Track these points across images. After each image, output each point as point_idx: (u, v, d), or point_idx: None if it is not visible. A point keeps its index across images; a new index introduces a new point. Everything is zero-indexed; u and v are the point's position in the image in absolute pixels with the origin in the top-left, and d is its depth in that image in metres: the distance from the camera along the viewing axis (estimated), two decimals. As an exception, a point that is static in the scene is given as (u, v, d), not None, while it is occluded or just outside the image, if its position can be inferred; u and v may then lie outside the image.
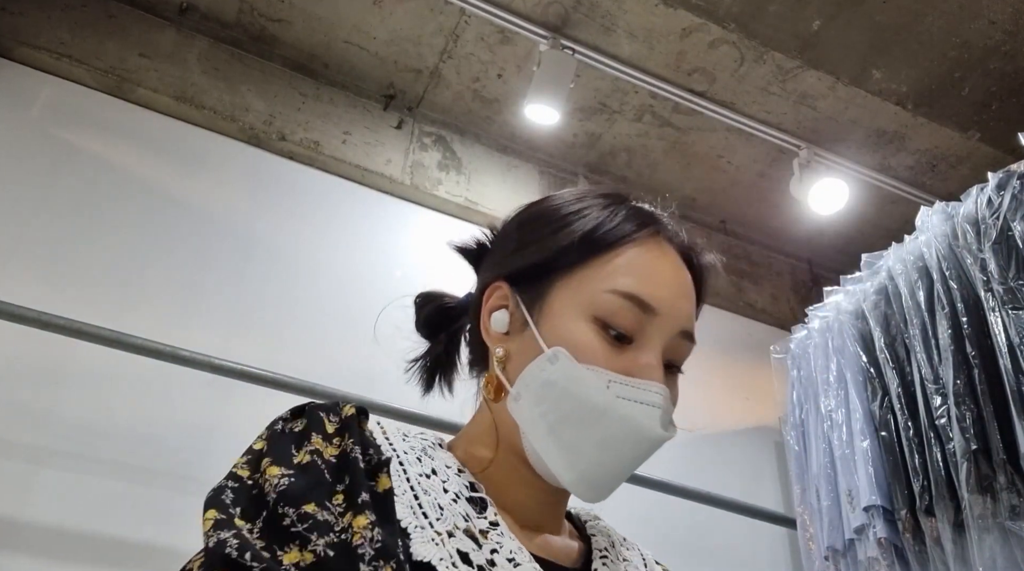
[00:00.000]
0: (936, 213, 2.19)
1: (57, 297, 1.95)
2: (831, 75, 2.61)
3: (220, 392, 1.97)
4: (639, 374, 0.66)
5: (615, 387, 0.65)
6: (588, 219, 0.71)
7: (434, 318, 0.80)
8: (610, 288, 0.67)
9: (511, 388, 0.69)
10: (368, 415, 0.67)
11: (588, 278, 0.69)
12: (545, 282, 0.70)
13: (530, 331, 0.69)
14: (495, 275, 0.75)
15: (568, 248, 0.70)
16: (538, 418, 0.66)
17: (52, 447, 1.83)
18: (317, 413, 0.64)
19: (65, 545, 1.75)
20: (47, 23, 2.35)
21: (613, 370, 0.65)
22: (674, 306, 0.69)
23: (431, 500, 0.62)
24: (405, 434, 0.70)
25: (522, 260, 0.73)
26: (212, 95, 2.50)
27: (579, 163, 3.04)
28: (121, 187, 2.24)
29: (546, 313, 0.69)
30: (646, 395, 0.65)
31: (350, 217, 2.56)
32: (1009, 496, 1.85)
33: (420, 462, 0.66)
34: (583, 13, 2.46)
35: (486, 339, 0.73)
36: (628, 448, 0.65)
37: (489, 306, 0.74)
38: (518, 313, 0.71)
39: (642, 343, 0.67)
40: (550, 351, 0.66)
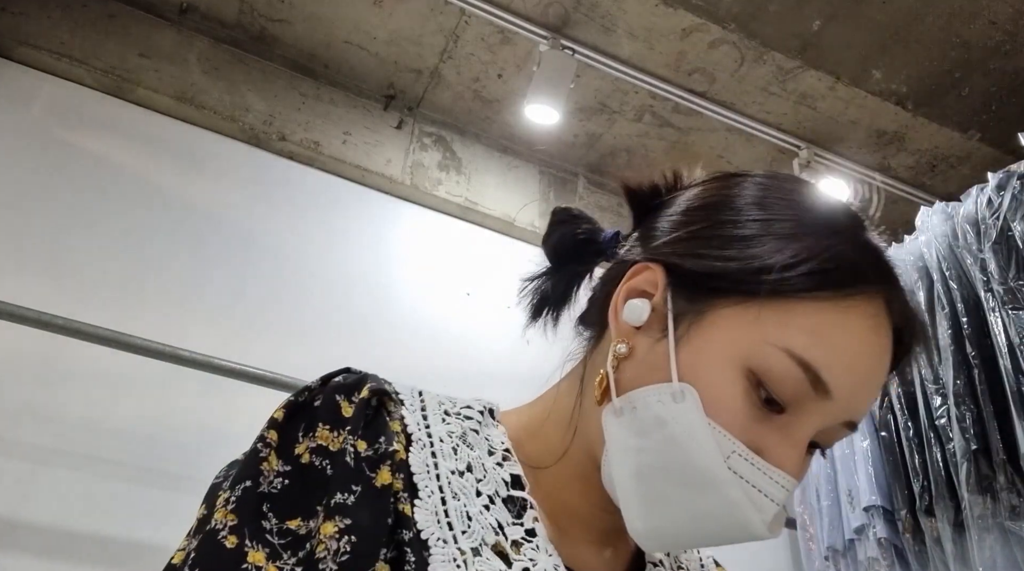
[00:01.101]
0: (936, 213, 2.19)
1: (57, 297, 1.95)
2: (831, 75, 2.61)
3: (220, 392, 1.97)
4: (772, 457, 0.53)
5: (736, 461, 0.52)
6: (803, 243, 0.55)
7: (567, 245, 0.67)
8: (785, 345, 0.52)
9: (616, 399, 0.57)
10: (390, 393, 0.59)
11: (766, 319, 0.54)
12: (711, 296, 0.56)
13: (666, 345, 0.56)
14: (652, 253, 0.60)
15: (769, 269, 0.54)
16: (631, 451, 0.55)
17: (52, 447, 1.83)
18: (334, 396, 0.56)
19: (65, 544, 1.75)
20: (47, 23, 2.35)
21: (744, 441, 0.53)
22: (855, 395, 0.54)
23: (459, 507, 0.54)
24: (448, 411, 0.61)
25: (694, 255, 0.58)
26: (212, 95, 2.50)
27: (579, 163, 3.04)
28: (121, 187, 2.24)
29: (695, 335, 0.55)
30: (769, 485, 0.53)
31: (350, 217, 2.56)
32: (1009, 496, 1.85)
33: (456, 453, 0.57)
34: (583, 13, 2.46)
35: (611, 323, 0.60)
36: (720, 532, 0.54)
37: (629, 286, 0.60)
38: (662, 313, 0.57)
39: (794, 419, 0.54)
40: (677, 385, 0.54)
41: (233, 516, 0.50)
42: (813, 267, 0.54)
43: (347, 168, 2.61)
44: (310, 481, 0.52)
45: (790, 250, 0.55)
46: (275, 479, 0.52)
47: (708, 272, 0.56)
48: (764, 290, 0.54)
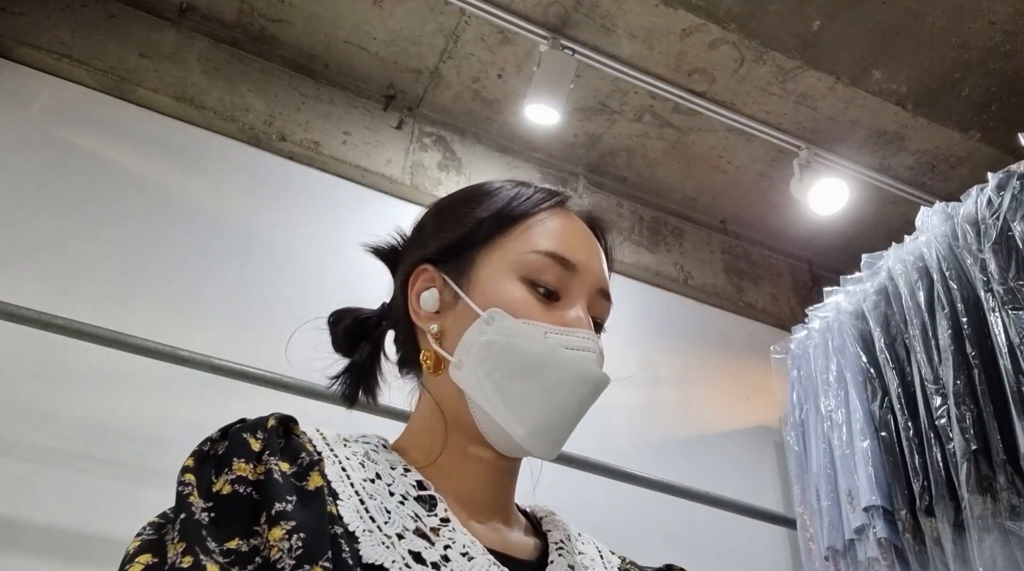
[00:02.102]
0: (936, 213, 2.19)
1: (57, 297, 1.95)
2: (831, 75, 2.61)
3: (220, 392, 1.97)
4: (571, 324, 0.70)
5: (552, 337, 0.68)
6: (501, 196, 0.77)
7: (353, 331, 0.82)
8: (532, 249, 0.72)
9: (452, 358, 0.70)
10: (297, 422, 0.68)
11: (510, 244, 0.73)
12: (468, 256, 0.74)
13: (463, 302, 0.72)
14: (417, 260, 0.78)
15: (487, 220, 0.74)
16: (483, 378, 0.68)
17: (52, 447, 1.83)
18: (240, 435, 0.62)
19: (65, 545, 1.75)
20: (47, 23, 2.35)
21: (547, 322, 0.69)
22: (591, 265, 0.74)
23: (377, 504, 0.62)
24: (346, 440, 0.70)
25: (444, 239, 0.76)
26: (212, 95, 2.50)
27: (579, 163, 3.04)
28: (121, 187, 2.24)
29: (475, 282, 0.72)
30: (581, 341, 0.69)
31: (350, 217, 2.56)
32: (1009, 496, 1.85)
33: (363, 467, 0.66)
34: (583, 13, 2.46)
35: (417, 321, 0.75)
36: (573, 392, 0.68)
37: (416, 290, 0.76)
38: (447, 289, 0.74)
39: (568, 299, 0.72)
40: (486, 313, 0.70)
41: (182, 543, 0.54)
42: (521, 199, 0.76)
43: (347, 168, 2.61)
44: (236, 507, 0.57)
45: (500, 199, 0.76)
46: (201, 513, 0.56)
47: (459, 238, 0.75)
48: (498, 227, 0.74)
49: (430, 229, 0.81)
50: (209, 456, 0.62)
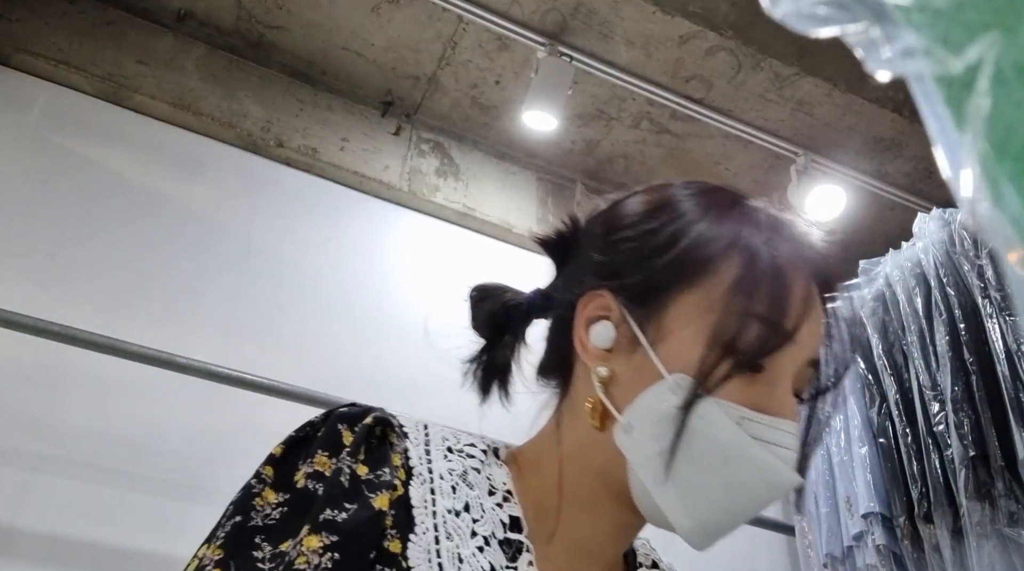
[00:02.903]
0: (933, 220, 2.19)
1: (53, 303, 1.94)
2: (828, 82, 2.62)
3: (217, 399, 1.97)
4: (772, 410, 0.57)
5: (748, 425, 0.56)
6: (714, 222, 0.62)
7: (499, 316, 0.70)
8: (744, 308, 0.57)
9: (620, 416, 0.59)
10: (395, 425, 0.61)
11: (716, 295, 0.59)
12: (662, 294, 0.60)
13: (642, 352, 0.59)
14: (594, 281, 0.64)
15: (695, 255, 0.60)
16: (655, 456, 0.57)
17: (48, 454, 1.82)
18: (336, 425, 0.58)
19: (61, 552, 1.74)
20: (45, 30, 2.35)
21: (745, 405, 0.57)
22: (811, 333, 0.60)
23: (452, 547, 0.55)
24: (451, 447, 0.62)
25: (632, 267, 0.62)
26: (210, 102, 2.50)
27: (577, 170, 3.04)
28: (118, 193, 2.24)
29: (663, 331, 0.59)
30: (782, 436, 0.57)
31: (348, 223, 2.55)
32: (1007, 503, 1.85)
33: (454, 492, 0.59)
34: (581, 20, 2.47)
35: (582, 354, 0.63)
36: (757, 495, 0.57)
37: (586, 316, 0.63)
38: (625, 328, 0.61)
39: (774, 374, 0.58)
40: (671, 378, 0.57)
41: (220, 551, 0.51)
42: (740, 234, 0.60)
43: (345, 174, 2.61)
44: (303, 505, 0.53)
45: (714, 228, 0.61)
46: (272, 511, 0.53)
47: (653, 272, 0.61)
48: (706, 267, 0.59)
49: (623, 242, 0.64)
50: (301, 441, 0.58)
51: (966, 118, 0.22)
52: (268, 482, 0.55)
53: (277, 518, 0.52)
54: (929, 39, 0.23)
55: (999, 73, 0.21)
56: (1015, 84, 0.21)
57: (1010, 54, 0.21)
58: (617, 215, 0.67)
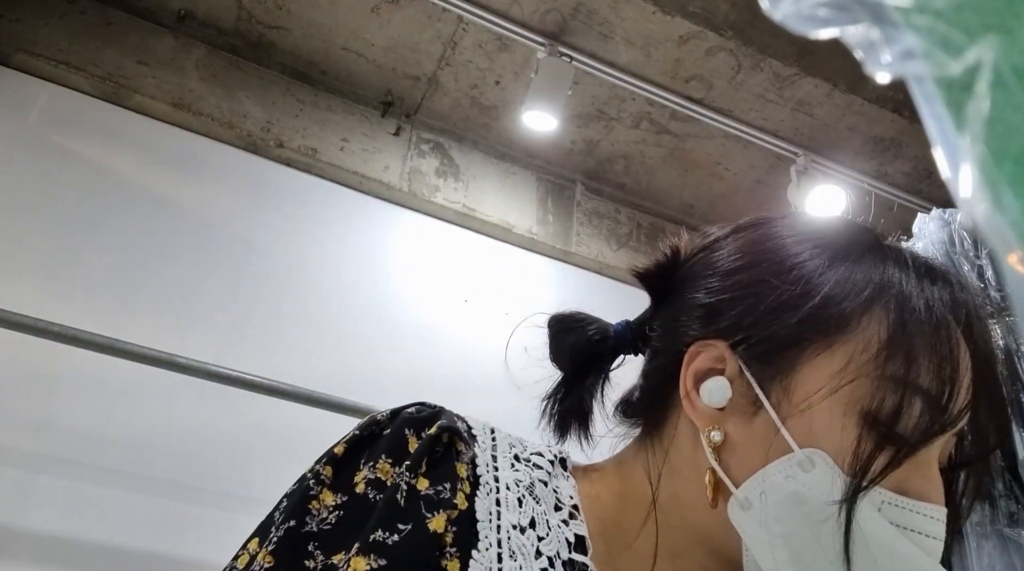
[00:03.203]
0: (933, 219, 2.19)
1: (54, 304, 1.94)
2: (828, 82, 2.62)
3: (217, 399, 1.97)
4: (918, 493, 0.49)
5: (889, 510, 0.48)
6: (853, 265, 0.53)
7: (583, 351, 0.63)
8: (899, 377, 0.49)
9: (735, 490, 0.51)
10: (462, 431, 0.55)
11: (860, 357, 0.50)
12: (791, 353, 0.52)
13: (765, 417, 0.51)
14: (704, 328, 0.56)
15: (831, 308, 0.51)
16: (777, 540, 0.49)
17: (48, 454, 1.82)
18: (402, 430, 0.53)
19: (61, 552, 1.74)
20: (45, 30, 2.35)
21: (888, 487, 0.48)
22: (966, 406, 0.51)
23: (515, 568, 0.50)
24: (518, 456, 0.57)
25: (750, 316, 0.54)
26: (210, 102, 2.50)
27: (577, 170, 3.04)
28: (118, 194, 2.24)
29: (791, 397, 0.51)
30: (927, 524, 0.48)
31: (348, 224, 2.56)
32: (1007, 503, 1.85)
33: (520, 506, 0.53)
34: (581, 20, 2.47)
35: (690, 412, 0.55)
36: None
37: (696, 367, 0.55)
38: (743, 388, 0.53)
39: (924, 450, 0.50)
40: (802, 453, 0.49)
41: (271, 558, 0.48)
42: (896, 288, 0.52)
43: (345, 174, 2.61)
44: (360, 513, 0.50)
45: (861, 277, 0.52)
46: (328, 515, 0.50)
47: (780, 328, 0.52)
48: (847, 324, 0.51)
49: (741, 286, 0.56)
50: (365, 441, 0.53)
51: (966, 121, 0.22)
52: (327, 483, 0.51)
53: (333, 523, 0.49)
54: (929, 41, 0.23)
55: (999, 76, 0.21)
56: (1015, 87, 0.21)
57: (1010, 57, 0.21)
58: (729, 253, 0.59)
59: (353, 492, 0.50)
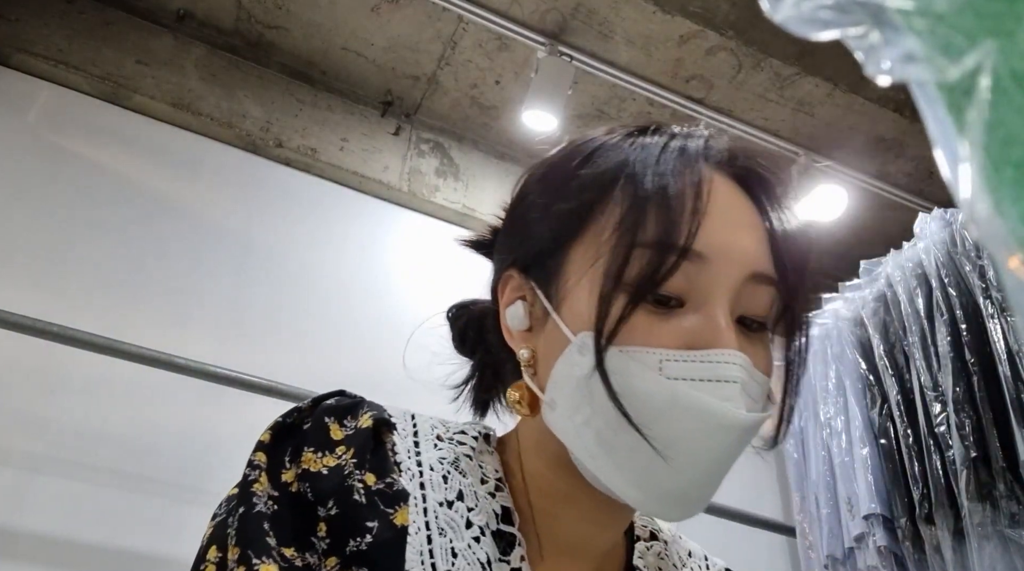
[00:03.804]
0: (935, 220, 2.19)
1: (52, 304, 1.94)
2: (829, 82, 2.61)
3: (216, 399, 1.97)
4: (702, 343, 0.49)
5: (670, 366, 0.48)
6: (599, 163, 0.56)
7: (470, 331, 0.66)
8: (628, 241, 0.50)
9: (543, 395, 0.54)
10: (394, 426, 0.57)
11: (600, 238, 0.53)
12: (556, 254, 0.55)
13: (552, 321, 0.54)
14: (504, 263, 0.60)
15: (575, 203, 0.55)
16: (581, 427, 0.51)
17: (47, 455, 1.82)
18: (323, 419, 0.54)
19: (60, 553, 1.74)
20: (44, 30, 2.35)
21: (665, 346, 0.49)
22: (729, 243, 0.51)
23: (445, 543, 0.52)
24: (440, 436, 0.58)
25: (528, 233, 0.58)
26: (209, 102, 2.50)
27: (577, 170, 3.04)
28: (118, 193, 2.24)
29: (565, 292, 0.54)
30: (716, 369, 0.48)
31: (347, 224, 2.55)
32: (1009, 504, 1.85)
33: (446, 482, 0.55)
34: (581, 20, 2.46)
35: (509, 342, 0.58)
36: (706, 444, 0.48)
37: (505, 301, 0.59)
38: (536, 301, 0.56)
39: (698, 301, 0.50)
40: (576, 339, 0.51)
41: (237, 549, 0.49)
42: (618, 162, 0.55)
43: (344, 174, 2.61)
44: (299, 509, 0.51)
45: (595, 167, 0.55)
46: (268, 500, 0.51)
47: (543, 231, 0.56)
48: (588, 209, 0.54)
49: (517, 216, 0.61)
50: (290, 430, 0.55)
51: (966, 125, 0.22)
52: (263, 467, 0.53)
53: (274, 510, 0.50)
54: (930, 45, 0.23)
55: (998, 79, 0.21)
56: (1014, 91, 0.21)
57: (1009, 61, 0.21)
58: (516, 191, 0.63)
59: (286, 489, 0.51)
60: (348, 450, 0.53)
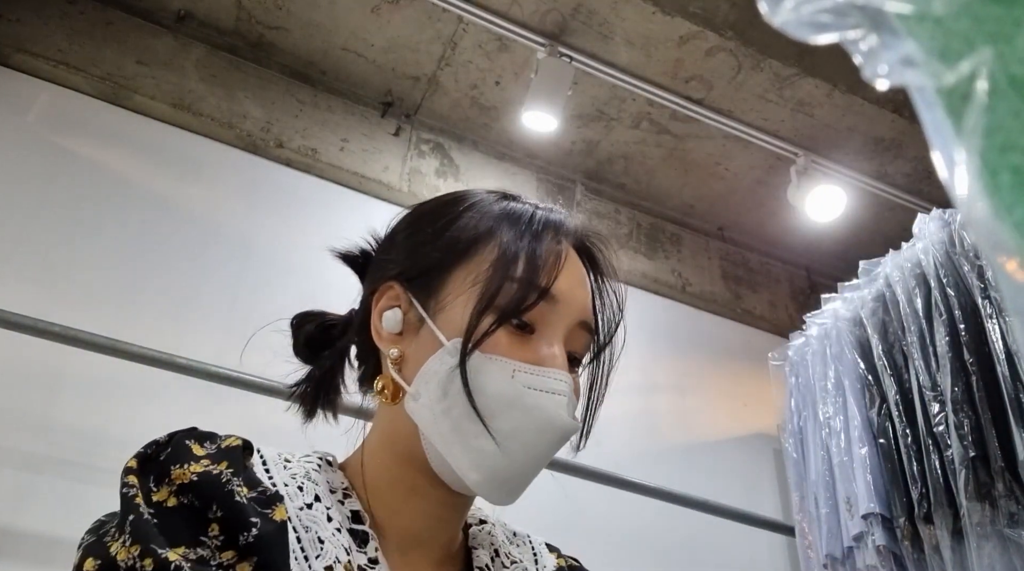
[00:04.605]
0: (933, 220, 2.19)
1: (53, 304, 1.94)
2: (828, 82, 2.62)
3: (217, 400, 1.97)
4: (543, 363, 0.64)
5: (521, 376, 0.63)
6: (479, 211, 0.71)
7: (316, 337, 0.77)
8: (507, 275, 0.65)
9: (409, 388, 0.65)
10: (252, 449, 0.65)
11: (484, 267, 0.67)
12: (439, 275, 0.68)
13: (427, 328, 0.66)
14: (385, 275, 0.72)
15: (461, 238, 0.69)
16: (440, 415, 0.63)
17: (48, 455, 1.82)
18: (184, 442, 0.62)
19: (61, 554, 1.74)
20: (44, 30, 2.35)
21: (517, 359, 0.64)
22: (572, 294, 0.68)
23: (311, 536, 0.60)
24: (287, 459, 0.67)
25: (414, 255, 0.71)
26: (209, 102, 2.50)
27: (577, 170, 3.04)
28: (118, 194, 2.24)
29: (442, 307, 0.67)
30: (553, 383, 0.64)
31: (347, 224, 2.54)
32: (1007, 503, 1.85)
33: (301, 491, 0.64)
34: (581, 21, 2.47)
35: (378, 342, 0.70)
36: (537, 439, 0.63)
37: (380, 307, 0.71)
38: (412, 311, 0.68)
39: (544, 333, 0.66)
40: (450, 343, 0.64)
41: (136, 545, 0.53)
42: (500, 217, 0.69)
43: (345, 175, 2.61)
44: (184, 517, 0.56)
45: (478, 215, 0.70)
46: (148, 515, 0.56)
47: (429, 256, 0.69)
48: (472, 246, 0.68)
49: (401, 240, 0.74)
50: (152, 459, 0.62)
51: (964, 129, 0.22)
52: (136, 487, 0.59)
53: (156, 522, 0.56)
54: (927, 49, 0.23)
55: (996, 84, 0.21)
56: (1012, 96, 0.21)
57: (1007, 66, 0.21)
58: (399, 222, 0.77)
59: (162, 507, 0.57)
60: (219, 463, 0.59)
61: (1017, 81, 0.21)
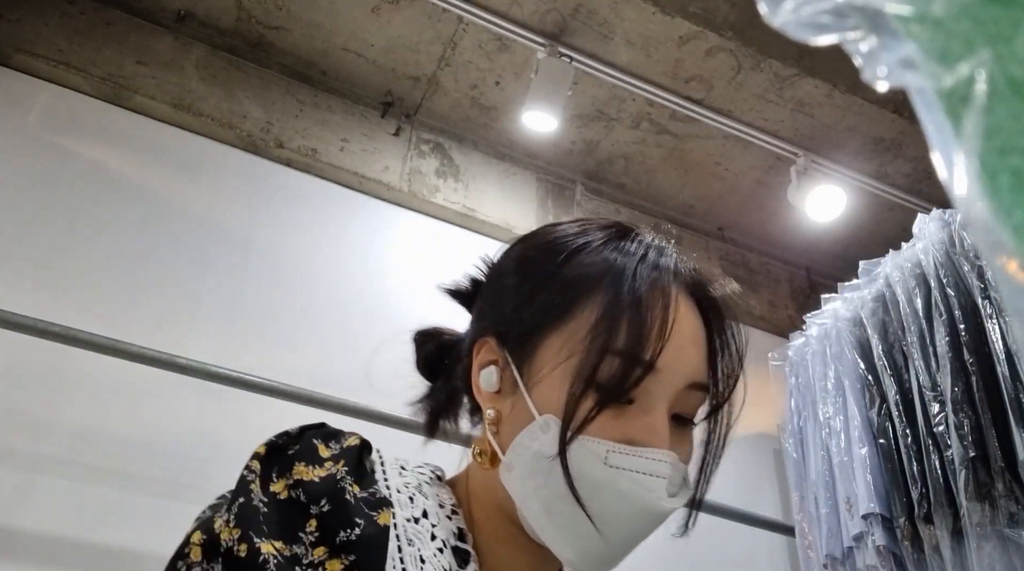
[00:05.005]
0: (933, 220, 2.19)
1: (54, 304, 1.94)
2: (828, 83, 2.62)
3: (217, 400, 1.97)
4: (642, 441, 0.60)
5: (614, 457, 0.59)
6: (583, 262, 0.65)
7: (435, 358, 0.75)
8: (603, 345, 0.60)
9: (503, 456, 0.63)
10: (372, 449, 0.64)
11: (577, 336, 0.61)
12: (534, 337, 0.64)
13: (521, 394, 0.63)
14: (482, 327, 0.70)
15: (561, 299, 0.63)
16: (531, 493, 0.61)
17: (48, 455, 1.82)
18: (311, 440, 0.61)
19: (61, 553, 1.74)
20: (44, 30, 2.35)
21: (612, 439, 0.59)
22: (678, 359, 0.62)
23: (414, 552, 0.59)
24: (403, 467, 0.67)
25: (508, 312, 0.67)
26: (209, 102, 2.50)
27: (577, 170, 3.04)
28: (118, 194, 2.24)
29: (536, 371, 0.63)
30: (650, 464, 0.59)
31: (348, 224, 2.55)
32: (1007, 504, 1.85)
33: (412, 502, 0.63)
34: (581, 21, 2.47)
35: (477, 396, 0.68)
36: (631, 524, 0.60)
37: (479, 361, 0.68)
38: (508, 370, 0.65)
39: (644, 404, 0.61)
40: (541, 419, 0.61)
41: (237, 529, 0.53)
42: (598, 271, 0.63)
43: (345, 175, 2.61)
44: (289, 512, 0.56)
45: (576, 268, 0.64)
46: (258, 502, 0.56)
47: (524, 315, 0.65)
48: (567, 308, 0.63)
49: (499, 289, 0.70)
50: (281, 450, 0.60)
51: (963, 130, 0.22)
52: (257, 473, 0.58)
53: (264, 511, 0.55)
54: (927, 50, 0.23)
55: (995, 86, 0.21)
56: (1011, 97, 0.21)
57: (1006, 67, 0.21)
58: (503, 262, 0.72)
59: (275, 498, 0.56)
60: (338, 463, 0.59)
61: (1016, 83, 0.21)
